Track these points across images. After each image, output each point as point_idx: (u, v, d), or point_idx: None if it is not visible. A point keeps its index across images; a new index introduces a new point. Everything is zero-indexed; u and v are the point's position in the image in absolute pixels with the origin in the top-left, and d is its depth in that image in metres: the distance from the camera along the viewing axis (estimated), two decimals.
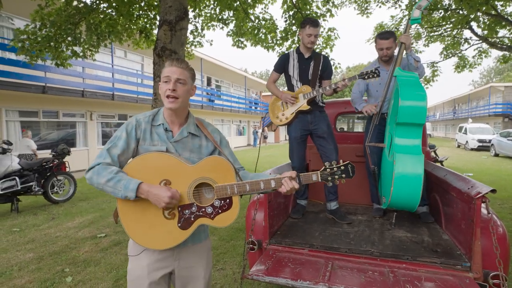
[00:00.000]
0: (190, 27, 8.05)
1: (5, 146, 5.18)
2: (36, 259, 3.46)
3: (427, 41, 10.24)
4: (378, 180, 2.83)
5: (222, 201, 1.42)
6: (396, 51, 2.88)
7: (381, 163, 2.84)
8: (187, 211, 1.41)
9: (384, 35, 2.91)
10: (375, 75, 2.64)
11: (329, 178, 1.47)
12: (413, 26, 9.52)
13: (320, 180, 1.47)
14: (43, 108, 9.88)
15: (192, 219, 1.41)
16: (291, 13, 7.28)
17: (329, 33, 7.73)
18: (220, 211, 1.42)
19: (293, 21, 7.40)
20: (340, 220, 2.78)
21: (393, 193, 2.36)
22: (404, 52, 2.67)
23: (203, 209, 1.41)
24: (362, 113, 2.93)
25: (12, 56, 8.58)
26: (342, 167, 1.49)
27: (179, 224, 1.40)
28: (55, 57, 6.00)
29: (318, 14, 7.39)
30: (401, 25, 9.77)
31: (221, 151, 1.57)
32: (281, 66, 3.05)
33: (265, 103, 29.00)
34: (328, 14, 7.37)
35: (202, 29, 8.19)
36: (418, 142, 2.35)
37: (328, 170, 1.48)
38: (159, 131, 1.49)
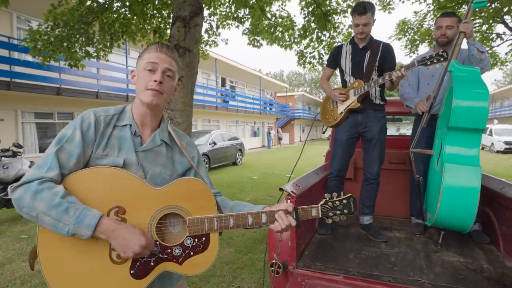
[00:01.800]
0: (205, 25, 7.84)
1: (16, 149, 5.04)
2: (40, 273, 3.23)
3: None
4: (423, 193, 2.45)
5: (196, 240, 1.07)
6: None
7: (427, 173, 2.46)
8: None
9: (446, 13, 2.50)
10: (442, 59, 2.15)
11: (330, 214, 1.18)
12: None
13: (320, 216, 1.18)
14: (58, 109, 9.85)
15: (152, 263, 1.03)
16: (310, 9, 6.93)
17: (350, 30, 7.35)
18: (192, 252, 1.07)
19: (312, 18, 7.07)
20: (374, 238, 2.42)
21: (440, 209, 2.00)
22: (464, 42, 2.22)
23: (169, 250, 1.05)
24: (409, 113, 2.53)
25: (28, 57, 8.56)
26: (344, 201, 1.20)
27: (131, 271, 1.00)
28: (68, 57, 5.85)
29: (338, 10, 7.03)
30: (425, 21, 9.27)
31: (198, 172, 1.23)
32: (333, 60, 2.70)
33: (280, 103, 28.64)
34: (349, 10, 6.99)
35: (217, 28, 7.94)
36: (476, 151, 1.96)
37: (329, 204, 1.19)
38: (123, 134, 1.11)
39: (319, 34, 7.34)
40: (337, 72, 2.88)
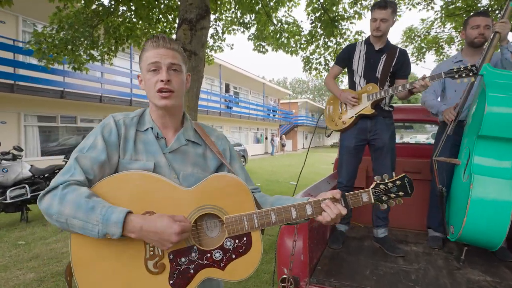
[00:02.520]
0: (211, 31, 7.78)
1: (16, 152, 4.94)
2: (37, 281, 3.10)
3: (460, 46, 9.56)
4: (445, 204, 2.30)
5: (237, 241, 0.99)
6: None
7: (451, 183, 2.31)
8: (183, 259, 0.96)
9: (481, 13, 2.36)
10: (471, 73, 2.00)
11: (384, 198, 1.06)
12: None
13: (372, 201, 1.06)
14: (61, 113, 9.78)
15: (192, 271, 0.96)
16: (317, 14, 6.86)
17: (357, 36, 7.26)
18: (234, 255, 0.98)
19: (319, 24, 6.99)
20: (390, 252, 2.27)
21: (467, 224, 1.85)
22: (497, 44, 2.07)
23: (208, 255, 0.97)
24: (435, 121, 2.37)
25: (32, 60, 8.54)
26: (398, 182, 1.08)
27: (170, 282, 0.94)
28: (72, 60, 5.79)
29: (345, 17, 6.96)
30: (432, 28, 9.17)
31: (229, 167, 1.12)
32: (345, 58, 2.52)
33: (283, 110, 28.57)
34: (357, 16, 6.91)
35: (223, 33, 7.89)
36: (509, 164, 1.79)
37: (381, 187, 1.06)
38: (146, 138, 1.06)
39: (326, 40, 7.27)
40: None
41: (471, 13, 2.50)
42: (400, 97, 2.36)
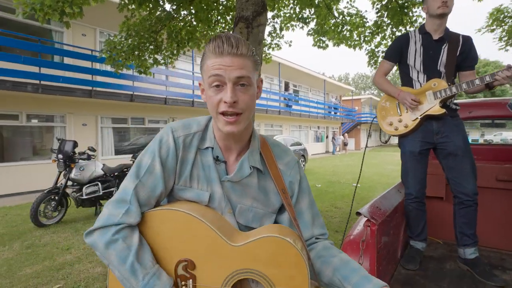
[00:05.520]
0: (268, 28, 7.65)
1: (90, 152, 5.38)
2: (103, 276, 3.27)
3: None
4: None
5: None
6: None
7: None
8: None
9: None
10: None
11: None
12: None
13: None
14: (131, 115, 10.57)
15: None
16: (384, 2, 6.27)
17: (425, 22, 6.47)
18: None
19: (386, 12, 6.38)
20: (484, 279, 1.84)
21: None
22: None
23: None
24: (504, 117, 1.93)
25: (107, 68, 9.36)
26: None
27: None
28: (139, 65, 6.14)
29: (415, 1, 6.23)
30: None
31: (289, 211, 0.92)
32: (397, 52, 2.16)
33: (345, 107, 27.36)
34: None
35: (281, 30, 7.69)
36: None
37: None
38: (206, 160, 0.92)
39: (394, 30, 6.61)
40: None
41: None
42: (471, 92, 1.96)
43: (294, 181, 0.97)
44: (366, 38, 7.02)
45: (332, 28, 7.17)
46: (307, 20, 7.31)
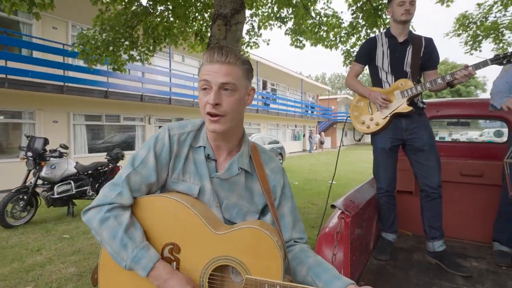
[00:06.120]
0: (246, 27, 7.67)
1: (62, 150, 5.19)
2: (76, 276, 3.18)
3: None
4: None
5: None
6: None
7: None
8: None
9: None
10: None
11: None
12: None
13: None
14: (106, 112, 10.27)
15: None
16: (359, 4, 6.45)
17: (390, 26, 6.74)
18: None
19: (361, 14, 6.58)
20: (452, 270, 1.95)
21: None
22: None
23: None
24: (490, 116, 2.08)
25: (80, 62, 9.04)
26: None
27: None
28: (113, 61, 5.98)
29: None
30: (491, 13, 8.26)
31: (273, 211, 0.99)
32: (366, 54, 2.27)
33: (322, 106, 27.86)
34: None
35: (259, 29, 7.73)
36: None
37: None
38: (198, 157, 1.01)
39: (368, 31, 6.82)
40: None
41: None
42: (434, 90, 2.11)
43: (277, 185, 1.05)
44: (342, 39, 7.20)
45: (309, 28, 7.29)
46: (285, 20, 7.40)
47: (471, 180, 2.51)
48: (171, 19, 6.40)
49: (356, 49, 7.24)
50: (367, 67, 2.38)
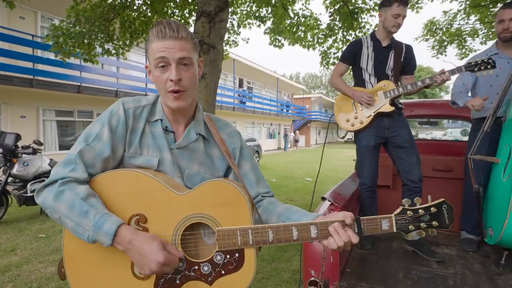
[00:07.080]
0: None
1: (36, 146, 4.98)
2: (57, 275, 3.10)
3: (484, 39, 9.17)
4: (482, 206, 2.16)
5: (228, 256, 0.90)
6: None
7: (488, 183, 2.17)
8: None
9: (507, 4, 2.20)
10: (488, 66, 2.00)
11: (410, 228, 0.86)
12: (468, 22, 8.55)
13: (394, 230, 0.86)
14: (78, 108, 9.90)
15: (178, 281, 0.90)
16: (336, 7, 6.67)
17: (376, 29, 7.05)
18: (223, 271, 0.90)
19: (338, 17, 6.80)
20: (428, 256, 2.13)
21: (508, 227, 1.73)
22: None
23: (196, 267, 0.90)
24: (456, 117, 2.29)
25: (50, 55, 8.64)
26: (433, 209, 0.86)
27: None
28: (85, 52, 5.78)
29: (364, 9, 6.74)
30: (455, 20, 8.83)
31: (235, 170, 1.02)
32: (352, 55, 2.40)
33: (297, 105, 28.31)
34: (376, 8, 6.69)
35: (238, 27, 7.78)
36: None
37: (409, 213, 0.86)
38: (155, 130, 0.99)
39: (345, 33, 7.07)
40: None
41: (500, 5, 2.36)
42: (411, 92, 2.32)
43: (236, 147, 1.08)
44: (319, 40, 7.39)
45: (288, 28, 7.43)
46: (264, 19, 7.49)
47: (442, 175, 2.73)
48: (149, 14, 6.29)
49: (333, 50, 7.47)
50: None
